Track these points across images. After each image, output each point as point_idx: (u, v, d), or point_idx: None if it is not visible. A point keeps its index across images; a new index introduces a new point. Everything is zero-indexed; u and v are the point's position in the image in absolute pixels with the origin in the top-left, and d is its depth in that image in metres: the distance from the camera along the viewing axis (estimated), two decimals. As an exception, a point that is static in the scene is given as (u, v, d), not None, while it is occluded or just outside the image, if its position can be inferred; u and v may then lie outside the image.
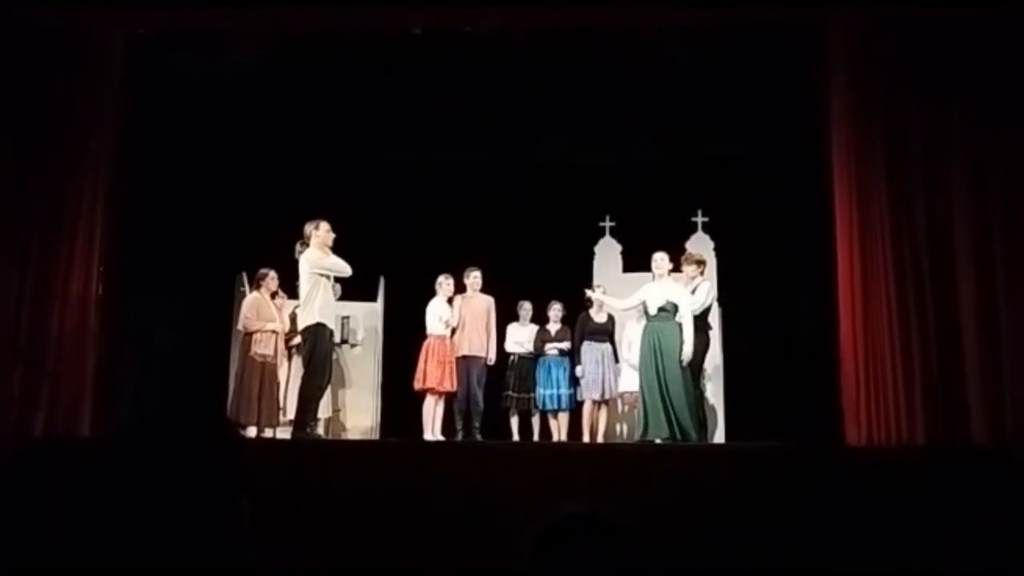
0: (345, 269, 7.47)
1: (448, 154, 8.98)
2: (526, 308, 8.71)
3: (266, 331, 8.00)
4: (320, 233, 7.39)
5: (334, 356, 8.93)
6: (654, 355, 7.37)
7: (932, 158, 6.79)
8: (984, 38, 6.79)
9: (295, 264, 7.48)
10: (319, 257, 7.34)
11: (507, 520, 5.28)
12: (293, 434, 7.35)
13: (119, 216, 7.24)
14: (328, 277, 7.40)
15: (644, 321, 7.65)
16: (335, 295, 7.60)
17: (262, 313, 8.07)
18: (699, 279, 7.88)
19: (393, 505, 5.94)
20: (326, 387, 7.52)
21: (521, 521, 2.12)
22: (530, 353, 8.54)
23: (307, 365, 7.36)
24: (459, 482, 6.03)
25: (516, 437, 8.41)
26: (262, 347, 8.01)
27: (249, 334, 8.07)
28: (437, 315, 8.21)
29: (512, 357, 8.55)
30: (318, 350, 7.28)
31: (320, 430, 8.46)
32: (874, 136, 6.85)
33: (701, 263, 7.97)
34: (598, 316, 8.48)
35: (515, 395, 8.46)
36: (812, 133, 7.18)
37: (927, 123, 6.83)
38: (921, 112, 6.85)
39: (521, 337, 8.61)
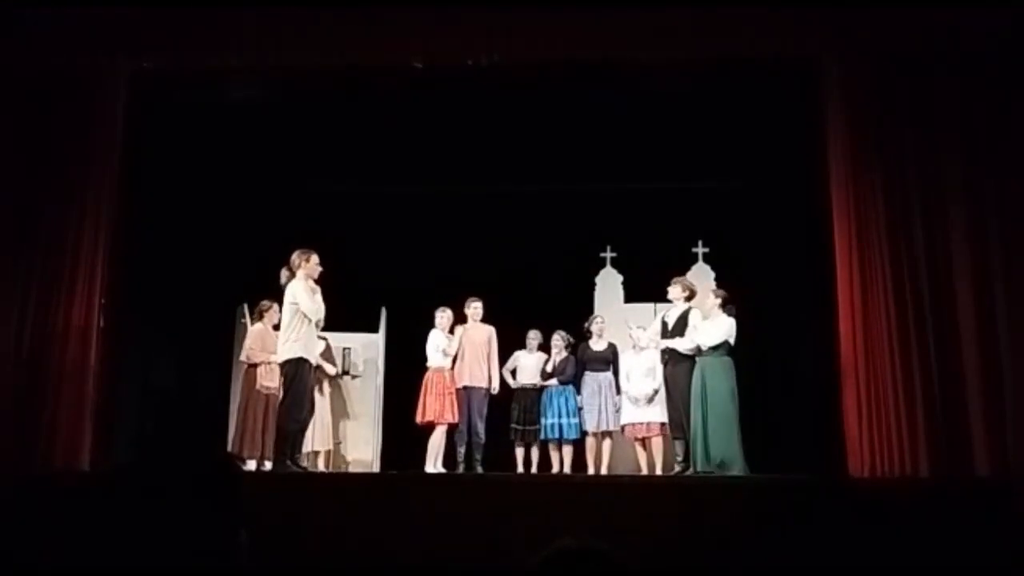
0: (318, 317, 7.31)
1: (449, 186, 9.03)
2: (533, 337, 8.65)
3: (271, 363, 7.95)
4: (308, 265, 7.31)
5: (336, 387, 8.94)
6: (703, 390, 7.44)
7: (929, 188, 6.80)
8: (979, 66, 6.83)
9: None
10: (301, 293, 7.23)
11: (504, 553, 5.26)
12: (273, 467, 7.30)
13: (120, 249, 7.25)
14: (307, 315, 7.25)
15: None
16: (317, 328, 7.47)
17: (266, 344, 8.04)
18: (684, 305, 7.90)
19: (393, 538, 5.91)
20: (306, 421, 7.39)
21: (518, 554, 2.12)
22: (533, 384, 8.49)
23: (285, 398, 7.29)
24: (459, 514, 6.00)
25: (521, 468, 8.37)
26: (267, 379, 8.00)
27: (254, 366, 8.06)
28: (437, 347, 8.19)
29: (516, 388, 8.50)
30: (297, 384, 7.17)
31: (320, 462, 8.43)
32: (872, 166, 6.87)
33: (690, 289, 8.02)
34: (597, 345, 8.44)
35: (520, 427, 8.41)
36: (810, 164, 7.21)
37: (924, 153, 6.85)
38: (917, 142, 6.88)
39: (527, 365, 8.57)
